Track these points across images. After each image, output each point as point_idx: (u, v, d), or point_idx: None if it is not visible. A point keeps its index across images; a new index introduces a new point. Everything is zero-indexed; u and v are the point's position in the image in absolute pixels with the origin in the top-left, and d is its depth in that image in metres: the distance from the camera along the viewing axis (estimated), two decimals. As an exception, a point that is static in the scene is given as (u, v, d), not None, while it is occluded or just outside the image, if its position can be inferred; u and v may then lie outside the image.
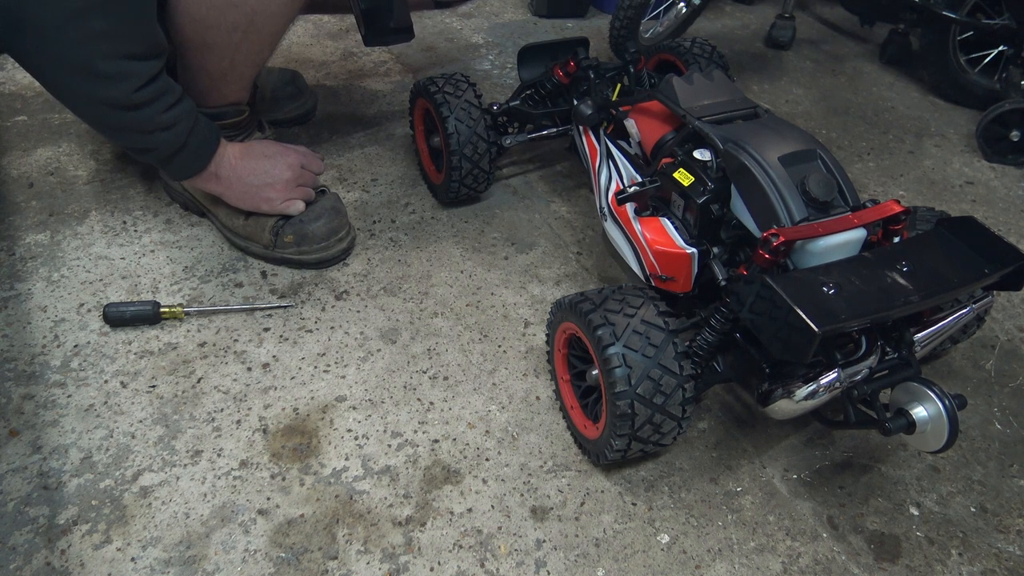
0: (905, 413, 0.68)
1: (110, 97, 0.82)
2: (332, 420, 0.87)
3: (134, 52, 0.82)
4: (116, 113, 0.85)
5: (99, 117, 0.87)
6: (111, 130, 0.91)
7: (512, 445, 0.86)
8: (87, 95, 0.83)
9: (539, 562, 0.75)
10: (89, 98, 0.83)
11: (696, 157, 0.82)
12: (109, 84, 0.81)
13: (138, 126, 0.87)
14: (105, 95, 0.82)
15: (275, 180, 1.02)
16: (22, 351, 0.93)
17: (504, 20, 1.87)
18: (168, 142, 0.90)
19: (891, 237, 0.75)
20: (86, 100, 0.84)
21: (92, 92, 0.82)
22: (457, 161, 1.10)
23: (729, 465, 0.85)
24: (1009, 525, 0.81)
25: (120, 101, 0.83)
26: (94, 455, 0.82)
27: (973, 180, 1.38)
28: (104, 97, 0.82)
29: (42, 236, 1.10)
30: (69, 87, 0.83)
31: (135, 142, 0.91)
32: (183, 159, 0.94)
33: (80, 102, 0.85)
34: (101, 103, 0.83)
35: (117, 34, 0.79)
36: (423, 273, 1.09)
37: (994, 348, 1.02)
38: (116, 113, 0.85)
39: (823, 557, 0.77)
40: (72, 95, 0.84)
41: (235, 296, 1.03)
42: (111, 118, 0.86)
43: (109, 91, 0.82)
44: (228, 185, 1.01)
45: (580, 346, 0.83)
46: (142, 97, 0.84)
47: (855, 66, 1.78)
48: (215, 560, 0.73)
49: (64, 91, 0.84)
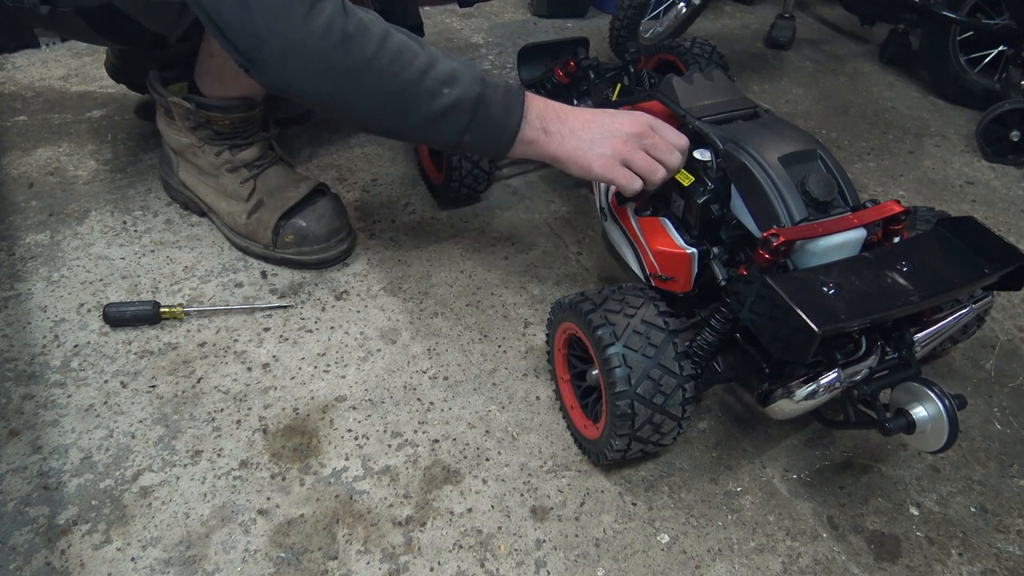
0: (905, 413, 0.68)
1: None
2: (332, 420, 0.87)
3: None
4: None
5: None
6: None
7: (512, 445, 0.86)
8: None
9: (539, 562, 0.75)
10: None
11: (696, 157, 0.83)
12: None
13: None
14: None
15: (616, 133, 0.82)
16: (22, 351, 0.93)
17: (504, 20, 1.87)
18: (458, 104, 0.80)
19: (891, 237, 0.75)
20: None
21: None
22: (457, 161, 1.10)
23: (729, 465, 0.85)
24: (1009, 525, 0.81)
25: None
26: (94, 455, 0.82)
27: (973, 180, 1.38)
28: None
29: (42, 236, 1.10)
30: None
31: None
32: (491, 116, 0.81)
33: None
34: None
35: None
36: (423, 273, 1.09)
37: (994, 348, 1.02)
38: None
39: (823, 557, 0.77)
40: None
41: (235, 296, 1.03)
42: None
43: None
44: (560, 142, 0.83)
45: (580, 346, 0.83)
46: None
47: (855, 66, 1.78)
48: (215, 560, 0.73)
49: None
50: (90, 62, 1.53)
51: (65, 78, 1.49)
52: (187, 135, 1.05)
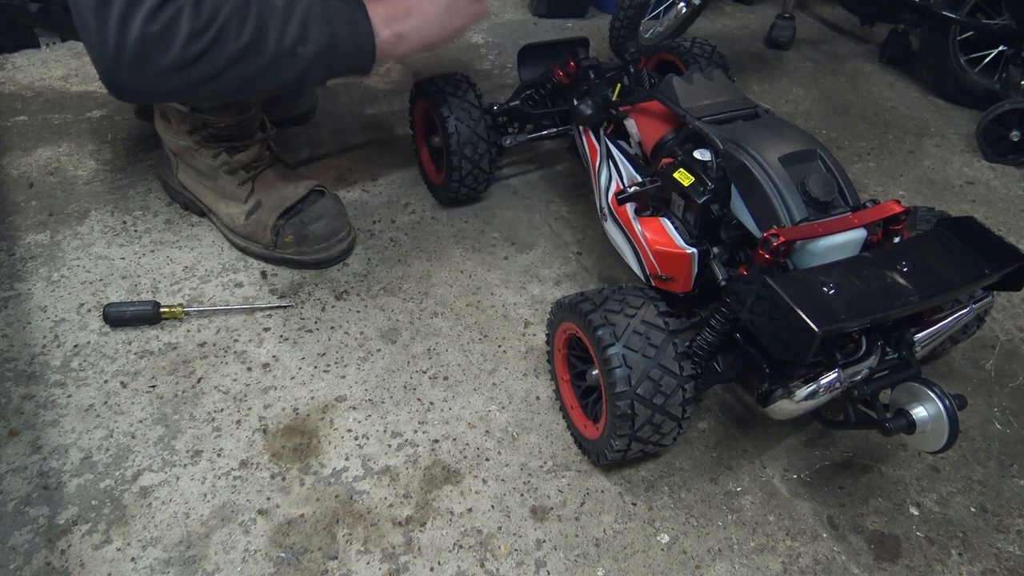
0: (905, 413, 0.68)
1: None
2: (332, 420, 0.87)
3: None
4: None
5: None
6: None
7: (512, 445, 0.86)
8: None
9: (539, 562, 0.75)
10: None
11: (696, 157, 0.83)
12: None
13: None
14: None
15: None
16: (22, 351, 0.93)
17: (504, 20, 1.87)
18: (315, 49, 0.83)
19: (891, 237, 0.75)
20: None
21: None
22: (457, 161, 1.10)
23: (729, 465, 0.85)
24: (1009, 525, 0.81)
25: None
26: (94, 455, 0.82)
27: (973, 180, 1.38)
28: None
29: (42, 236, 1.10)
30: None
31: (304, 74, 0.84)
32: (345, 52, 0.85)
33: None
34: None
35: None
36: (423, 273, 1.09)
37: (994, 348, 1.02)
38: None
39: (823, 557, 0.77)
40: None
41: (235, 296, 1.03)
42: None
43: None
44: (423, 18, 0.90)
45: (580, 346, 0.83)
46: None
47: (855, 66, 1.78)
48: (215, 560, 0.73)
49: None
50: (90, 62, 1.53)
51: (65, 78, 1.49)
52: (184, 137, 1.05)
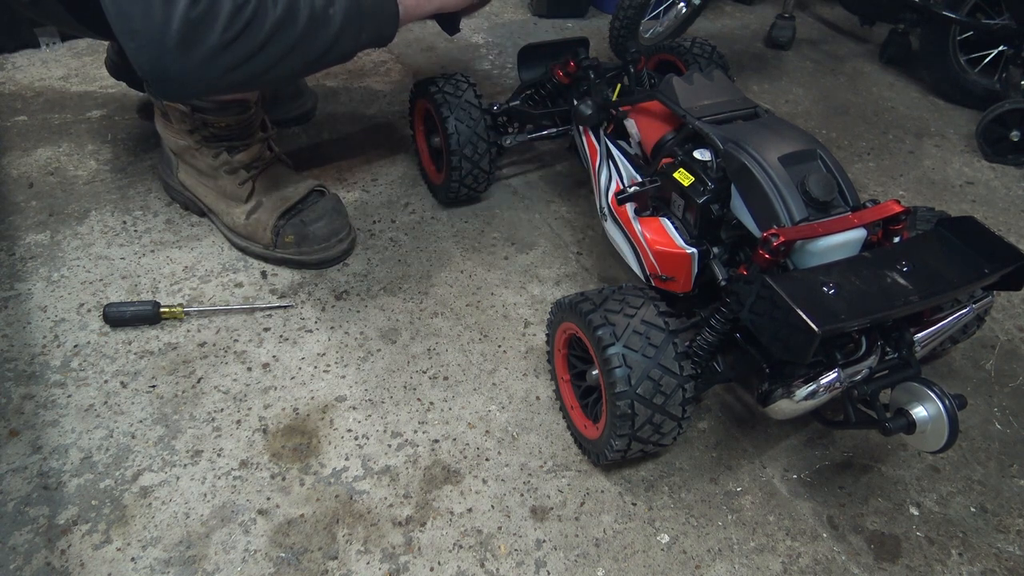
0: (905, 413, 0.68)
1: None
2: (332, 420, 0.87)
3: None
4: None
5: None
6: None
7: (512, 445, 0.86)
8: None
9: (539, 562, 0.75)
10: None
11: (696, 157, 0.83)
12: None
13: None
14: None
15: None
16: (22, 351, 0.93)
17: (504, 20, 1.87)
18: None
19: (891, 237, 0.75)
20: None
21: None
22: (457, 161, 1.10)
23: (729, 465, 0.85)
24: (1009, 525, 0.81)
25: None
26: (94, 455, 0.82)
27: (973, 180, 1.38)
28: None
29: (42, 236, 1.10)
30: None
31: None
32: (371, 11, 0.86)
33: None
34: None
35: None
36: (423, 273, 1.09)
37: (994, 348, 1.02)
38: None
39: (823, 557, 0.77)
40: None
41: (235, 296, 1.03)
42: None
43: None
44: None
45: (580, 346, 0.83)
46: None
47: (855, 66, 1.78)
48: (215, 560, 0.73)
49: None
50: (90, 62, 1.54)
51: (65, 78, 1.49)
52: (185, 137, 1.05)
